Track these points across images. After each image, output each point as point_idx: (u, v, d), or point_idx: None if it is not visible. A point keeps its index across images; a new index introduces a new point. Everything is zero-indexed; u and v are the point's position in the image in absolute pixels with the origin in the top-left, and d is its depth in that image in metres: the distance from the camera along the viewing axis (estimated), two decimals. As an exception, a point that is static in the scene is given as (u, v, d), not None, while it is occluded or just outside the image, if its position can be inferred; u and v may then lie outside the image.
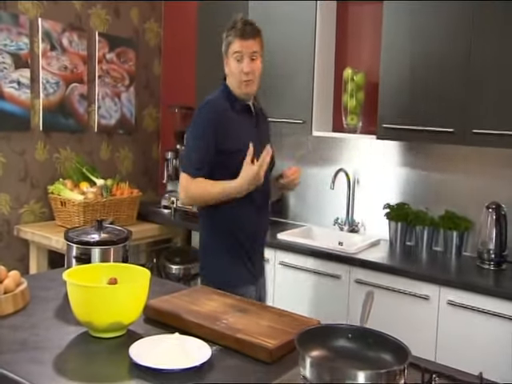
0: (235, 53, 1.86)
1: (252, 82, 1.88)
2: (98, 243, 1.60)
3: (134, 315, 1.30)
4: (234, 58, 1.87)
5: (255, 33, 1.88)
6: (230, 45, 1.88)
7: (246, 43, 1.85)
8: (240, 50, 1.85)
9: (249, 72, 1.85)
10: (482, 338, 2.00)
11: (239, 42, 1.85)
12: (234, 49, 1.86)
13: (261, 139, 1.90)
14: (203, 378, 1.10)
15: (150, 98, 3.60)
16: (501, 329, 1.96)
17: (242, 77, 1.86)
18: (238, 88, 1.88)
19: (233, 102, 1.91)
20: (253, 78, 1.87)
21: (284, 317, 1.39)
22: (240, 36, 1.85)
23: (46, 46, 2.93)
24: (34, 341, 1.24)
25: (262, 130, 2.01)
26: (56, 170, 3.07)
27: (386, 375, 0.99)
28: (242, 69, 1.85)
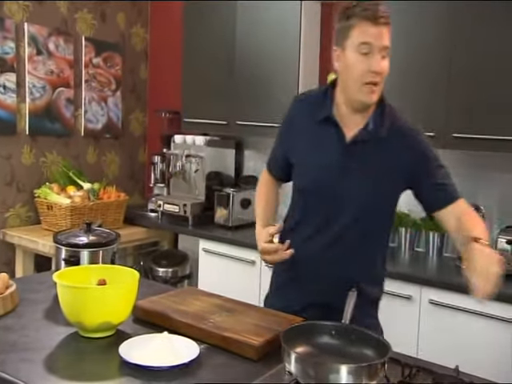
0: (362, 44, 1.31)
1: (378, 88, 1.36)
2: (87, 245, 1.62)
3: (123, 315, 1.32)
4: (356, 50, 1.32)
5: (389, 20, 1.33)
6: (350, 29, 1.32)
7: (379, 30, 1.30)
8: (369, 40, 1.30)
9: (379, 72, 1.33)
10: (462, 334, 2.05)
11: (370, 27, 1.30)
12: (359, 36, 1.31)
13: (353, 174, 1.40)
14: (191, 375, 1.13)
15: (136, 102, 3.62)
16: (479, 326, 2.02)
17: (368, 77, 1.32)
18: (358, 92, 1.35)
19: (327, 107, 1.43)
20: (380, 81, 1.35)
21: (270, 316, 1.42)
22: (372, 19, 1.30)
23: (32, 50, 2.93)
24: (24, 342, 1.26)
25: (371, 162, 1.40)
26: (42, 174, 3.07)
27: (367, 369, 1.03)
28: (370, 66, 1.31)
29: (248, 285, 2.63)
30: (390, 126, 1.41)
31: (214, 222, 2.93)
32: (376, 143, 1.40)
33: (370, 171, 1.40)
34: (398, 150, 1.40)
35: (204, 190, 3.06)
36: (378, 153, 1.40)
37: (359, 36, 1.31)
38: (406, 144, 1.40)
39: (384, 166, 1.40)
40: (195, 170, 3.07)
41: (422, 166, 1.41)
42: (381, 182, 1.41)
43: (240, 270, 2.68)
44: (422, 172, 1.41)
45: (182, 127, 3.16)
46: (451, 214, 1.41)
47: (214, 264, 2.78)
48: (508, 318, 1.96)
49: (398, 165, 1.40)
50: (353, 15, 1.32)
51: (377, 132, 1.40)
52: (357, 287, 1.31)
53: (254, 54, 2.84)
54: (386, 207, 1.48)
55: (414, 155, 1.41)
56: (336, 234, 1.44)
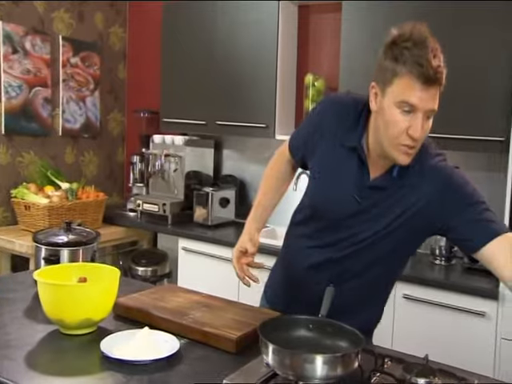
0: (405, 102, 1.14)
1: (413, 151, 1.20)
2: (67, 244, 1.63)
3: (104, 312, 1.34)
4: (397, 106, 1.16)
5: (442, 80, 1.15)
6: (395, 77, 1.14)
7: (428, 94, 1.13)
8: (414, 102, 1.13)
9: (419, 138, 1.17)
10: (434, 327, 2.13)
11: (418, 88, 1.13)
12: (403, 92, 1.14)
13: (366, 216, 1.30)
14: (172, 368, 1.16)
15: (114, 102, 3.62)
16: (450, 318, 2.10)
17: (406, 140, 1.17)
18: (391, 148, 1.20)
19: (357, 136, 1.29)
20: (418, 144, 1.20)
21: (248, 311, 1.46)
22: (423, 78, 1.12)
23: (7, 48, 2.91)
24: (4, 339, 1.26)
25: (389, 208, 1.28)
26: (19, 174, 3.05)
27: (341, 359, 1.07)
28: (409, 129, 1.16)
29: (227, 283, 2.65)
30: (419, 170, 1.26)
31: (193, 221, 2.96)
32: (398, 190, 1.27)
33: (386, 217, 1.28)
34: (425, 193, 1.25)
35: (183, 189, 3.08)
36: (401, 201, 1.27)
37: (404, 92, 1.14)
38: (434, 186, 1.25)
39: (404, 213, 1.27)
40: (174, 170, 3.09)
41: (455, 203, 1.24)
42: (396, 229, 1.28)
43: (219, 268, 2.71)
44: (457, 209, 1.23)
45: (160, 127, 3.17)
46: (498, 250, 1.19)
47: (193, 262, 2.81)
48: (478, 311, 2.05)
49: (423, 211, 1.26)
50: (403, 61, 1.13)
51: (400, 180, 1.27)
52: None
53: (232, 54, 2.87)
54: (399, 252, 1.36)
55: (445, 195, 1.24)
56: (341, 254, 1.35)
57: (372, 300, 1.45)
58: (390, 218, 1.28)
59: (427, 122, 1.18)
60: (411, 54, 1.12)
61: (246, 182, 3.20)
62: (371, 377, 1.15)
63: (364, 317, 1.43)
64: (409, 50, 1.13)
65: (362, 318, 1.39)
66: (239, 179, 3.19)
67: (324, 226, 1.38)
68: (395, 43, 1.16)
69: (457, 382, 1.14)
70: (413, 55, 1.12)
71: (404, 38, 1.14)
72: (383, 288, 1.46)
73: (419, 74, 1.12)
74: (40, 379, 1.10)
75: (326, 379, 1.06)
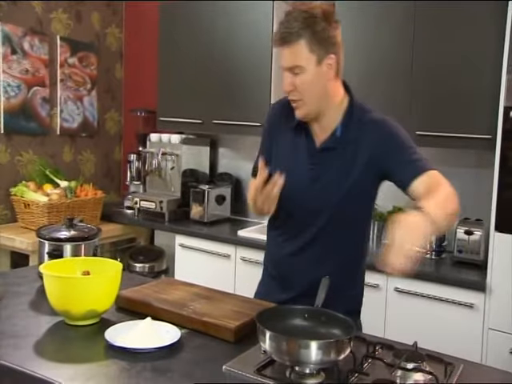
0: (280, 67, 1.40)
1: (300, 103, 1.39)
2: (70, 239, 1.68)
3: (108, 304, 1.39)
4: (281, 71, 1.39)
5: (291, 37, 1.32)
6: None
7: (282, 52, 1.36)
8: (280, 62, 1.38)
9: (287, 91, 1.38)
10: (424, 318, 2.20)
11: (279, 50, 1.37)
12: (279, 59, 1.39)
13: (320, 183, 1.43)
14: (173, 355, 1.21)
15: (112, 101, 3.67)
16: (440, 310, 2.17)
17: (288, 96, 1.41)
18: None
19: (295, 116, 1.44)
20: (299, 97, 1.38)
21: (245, 302, 1.51)
22: (276, 42, 1.37)
23: (6, 49, 2.95)
24: (12, 330, 1.31)
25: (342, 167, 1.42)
26: (18, 173, 3.09)
27: (335, 344, 1.13)
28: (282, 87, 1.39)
29: (223, 278, 2.72)
30: (358, 126, 1.41)
31: (190, 218, 3.01)
32: (346, 147, 1.41)
33: (341, 175, 1.41)
34: (366, 145, 1.39)
35: (180, 186, 3.13)
36: (348, 155, 1.40)
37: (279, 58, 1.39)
38: (374, 135, 1.39)
39: (355, 167, 1.40)
40: (171, 168, 3.14)
41: (390, 147, 1.38)
42: (353, 185, 1.40)
43: (215, 264, 2.77)
44: (391, 153, 1.38)
45: (157, 126, 3.22)
46: (421, 185, 1.32)
47: (190, 258, 2.86)
48: (466, 303, 2.12)
49: (369, 161, 1.39)
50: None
51: (344, 137, 1.41)
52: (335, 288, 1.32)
53: (228, 53, 2.93)
54: (362, 207, 1.47)
55: (382, 141, 1.38)
56: (312, 236, 1.47)
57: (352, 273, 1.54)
58: (344, 176, 1.41)
59: (297, 77, 1.35)
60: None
61: (242, 180, 3.26)
62: (363, 362, 1.20)
63: (349, 294, 1.53)
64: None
65: (348, 296, 1.51)
66: (235, 177, 3.25)
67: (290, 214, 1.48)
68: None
69: (443, 366, 1.21)
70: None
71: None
72: (359, 257, 1.54)
73: (274, 41, 1.37)
74: (48, 366, 1.15)
75: (321, 364, 1.12)
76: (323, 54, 1.35)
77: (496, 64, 2.14)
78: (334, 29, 1.38)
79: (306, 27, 1.32)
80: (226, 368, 1.15)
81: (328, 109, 1.42)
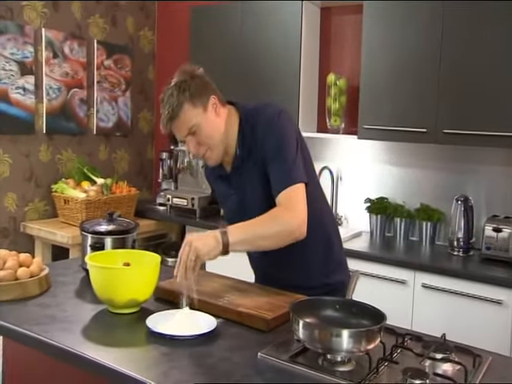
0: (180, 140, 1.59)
1: (209, 152, 1.53)
2: (111, 233, 1.77)
3: (148, 293, 1.46)
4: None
5: (176, 111, 1.47)
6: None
7: (175, 127, 1.50)
8: (177, 136, 1.54)
9: (197, 152, 1.53)
10: (452, 315, 2.22)
11: (172, 128, 1.52)
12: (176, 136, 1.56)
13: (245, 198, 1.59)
14: (210, 343, 1.28)
15: (144, 101, 3.78)
16: (468, 307, 2.19)
17: (198, 156, 1.59)
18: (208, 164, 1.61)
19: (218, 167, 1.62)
20: (206, 147, 1.52)
21: (279, 295, 1.56)
22: (166, 123, 1.52)
23: (48, 53, 3.10)
24: (61, 316, 1.41)
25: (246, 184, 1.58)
26: (58, 170, 3.23)
27: (365, 333, 1.18)
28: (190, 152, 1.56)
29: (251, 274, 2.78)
30: (251, 134, 1.51)
31: (220, 215, 3.08)
32: (247, 160, 1.54)
33: (254, 180, 1.54)
34: (256, 145, 1.51)
35: (210, 184, 3.21)
36: (252, 159, 1.53)
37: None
38: (257, 136, 1.50)
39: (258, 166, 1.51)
40: (202, 166, 3.22)
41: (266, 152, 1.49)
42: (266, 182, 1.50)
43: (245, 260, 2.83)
44: (267, 159, 1.49)
45: (189, 125, 3.31)
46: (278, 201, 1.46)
47: (221, 254, 2.93)
48: (494, 299, 2.13)
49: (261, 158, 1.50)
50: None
51: (243, 152, 1.53)
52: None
53: (257, 55, 2.99)
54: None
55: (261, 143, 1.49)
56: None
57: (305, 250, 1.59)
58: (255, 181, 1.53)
59: (197, 134, 1.48)
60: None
61: (271, 178, 3.31)
62: (393, 352, 1.24)
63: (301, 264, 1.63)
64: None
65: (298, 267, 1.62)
66: (264, 175, 3.30)
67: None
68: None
69: (472, 357, 1.24)
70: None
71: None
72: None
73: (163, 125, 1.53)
74: (96, 349, 1.23)
75: (352, 352, 1.16)
76: (206, 101, 1.49)
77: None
78: (202, 78, 1.53)
79: (182, 93, 1.46)
80: (261, 355, 1.21)
81: (227, 139, 1.54)
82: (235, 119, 1.56)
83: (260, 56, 2.97)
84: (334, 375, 1.14)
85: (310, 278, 1.63)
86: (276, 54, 2.91)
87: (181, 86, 1.47)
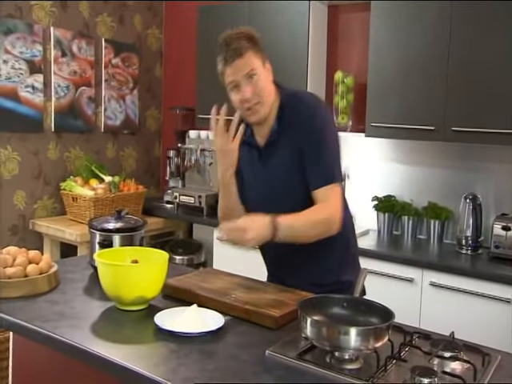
0: (230, 83, 1.52)
1: (258, 106, 1.51)
2: (119, 230, 1.77)
3: (156, 291, 1.47)
4: (231, 89, 1.53)
5: (242, 50, 1.50)
6: (222, 76, 1.54)
7: (234, 66, 1.50)
8: (231, 78, 1.51)
9: (249, 98, 1.50)
10: (460, 313, 2.21)
11: (227, 69, 1.51)
12: (227, 79, 1.52)
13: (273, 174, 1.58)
14: (219, 340, 1.28)
15: (152, 99, 3.79)
16: (476, 305, 2.18)
17: (244, 106, 1.51)
18: (244, 116, 1.55)
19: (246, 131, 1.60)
20: (258, 100, 1.51)
21: (286, 292, 1.56)
22: (225, 62, 1.51)
23: (57, 52, 3.12)
24: (70, 312, 1.42)
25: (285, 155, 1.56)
26: (66, 168, 3.26)
27: (373, 331, 1.17)
28: (241, 97, 1.51)
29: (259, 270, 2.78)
30: (291, 114, 1.54)
31: (227, 212, 3.09)
32: (284, 137, 1.54)
33: (286, 164, 1.55)
34: (296, 132, 1.52)
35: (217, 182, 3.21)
36: (288, 144, 1.54)
37: (226, 78, 1.53)
38: (298, 124, 1.52)
39: (293, 153, 1.53)
40: (209, 164, 3.23)
41: (308, 141, 1.51)
42: (296, 170, 1.53)
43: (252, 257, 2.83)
44: (308, 148, 1.51)
45: (196, 123, 3.32)
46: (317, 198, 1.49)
47: (227, 251, 2.94)
48: (503, 298, 2.12)
49: (298, 147, 1.52)
50: (218, 64, 1.54)
51: (281, 128, 1.54)
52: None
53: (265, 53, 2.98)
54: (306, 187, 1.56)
55: (304, 132, 1.51)
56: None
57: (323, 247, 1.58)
58: (287, 163, 1.55)
59: (253, 81, 1.50)
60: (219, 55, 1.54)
61: (278, 176, 3.32)
62: (401, 350, 1.24)
63: (330, 266, 1.65)
64: (219, 52, 1.54)
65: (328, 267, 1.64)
66: (271, 173, 3.31)
67: (261, 208, 1.54)
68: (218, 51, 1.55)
69: (481, 356, 1.23)
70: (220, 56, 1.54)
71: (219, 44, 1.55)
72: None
73: (223, 62, 1.51)
74: (104, 345, 1.24)
75: (359, 350, 1.16)
76: (264, 59, 1.57)
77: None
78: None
79: (249, 40, 1.52)
80: (268, 352, 1.21)
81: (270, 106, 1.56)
82: (277, 97, 1.58)
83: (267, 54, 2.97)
84: (342, 373, 1.15)
85: (324, 275, 1.64)
86: (283, 53, 2.91)
87: (248, 35, 1.53)
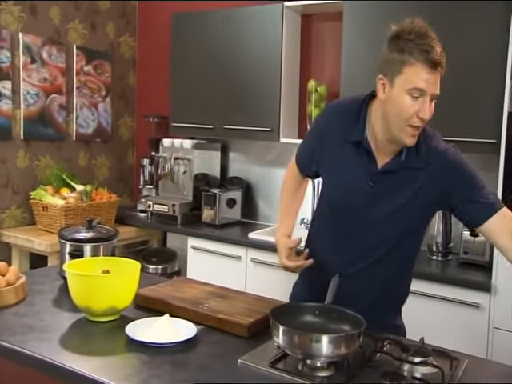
0: (415, 89, 1.27)
1: (420, 131, 1.34)
2: (90, 240, 1.75)
3: (127, 301, 1.46)
4: (407, 92, 1.28)
5: (444, 64, 1.29)
6: (404, 66, 1.27)
7: (435, 77, 1.28)
8: (424, 86, 1.27)
9: (427, 120, 1.31)
10: (430, 319, 2.25)
11: (426, 73, 1.26)
12: (413, 79, 1.26)
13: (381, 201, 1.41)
14: (191, 350, 1.28)
15: (125, 107, 3.76)
16: (446, 310, 2.22)
17: (416, 122, 1.30)
18: (400, 131, 1.33)
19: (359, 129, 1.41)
20: (424, 125, 1.34)
21: (258, 300, 1.57)
22: (431, 64, 1.26)
23: (26, 58, 3.06)
24: (39, 325, 1.39)
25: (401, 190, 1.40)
26: (36, 177, 3.19)
27: (344, 339, 1.19)
28: (419, 112, 1.29)
29: (234, 279, 2.79)
30: (425, 152, 1.38)
31: (202, 221, 3.08)
32: (408, 172, 1.39)
33: (400, 199, 1.40)
34: (431, 173, 1.38)
35: (191, 190, 3.21)
36: (410, 181, 1.39)
37: (414, 79, 1.26)
38: (441, 165, 1.38)
39: (415, 193, 1.39)
40: (183, 172, 3.22)
41: (458, 182, 1.38)
42: (410, 209, 1.40)
43: (227, 266, 2.84)
44: (460, 189, 1.37)
45: (170, 131, 3.31)
46: (494, 225, 1.35)
47: (202, 260, 2.93)
48: (472, 302, 2.17)
49: (431, 190, 1.39)
50: (409, 51, 1.26)
51: (409, 163, 1.39)
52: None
53: (238, 61, 3.00)
54: (416, 231, 1.48)
55: (449, 174, 1.37)
56: (359, 254, 1.47)
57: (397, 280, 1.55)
58: (400, 198, 1.40)
59: (431, 105, 1.31)
60: (416, 43, 1.26)
61: (252, 184, 3.33)
62: (372, 356, 1.26)
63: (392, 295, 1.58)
64: (412, 41, 1.27)
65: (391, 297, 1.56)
66: (245, 181, 3.32)
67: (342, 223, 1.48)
68: (399, 37, 1.29)
69: (449, 360, 1.27)
70: (417, 44, 1.26)
71: (407, 31, 1.28)
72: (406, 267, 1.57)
73: (426, 60, 1.25)
74: (73, 358, 1.22)
75: (331, 357, 1.17)
76: None
77: (501, 67, 2.16)
78: None
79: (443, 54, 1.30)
80: (241, 361, 1.22)
81: None
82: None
83: (241, 62, 2.99)
84: (314, 380, 1.15)
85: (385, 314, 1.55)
86: (257, 61, 2.93)
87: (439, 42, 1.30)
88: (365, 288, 1.50)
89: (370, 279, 1.49)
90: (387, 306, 1.55)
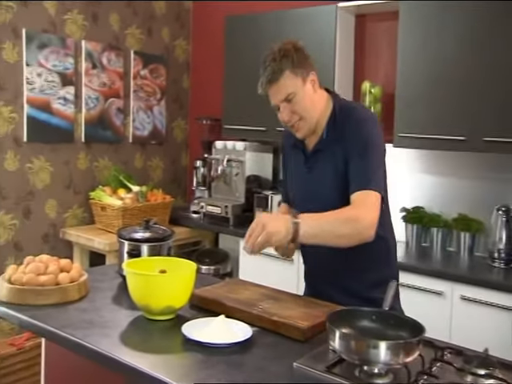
0: (272, 105, 1.58)
1: (302, 123, 1.56)
2: (147, 240, 1.79)
3: (184, 300, 1.48)
4: (275, 109, 1.59)
5: (276, 75, 1.50)
6: (266, 96, 1.58)
7: (272, 92, 1.54)
8: (272, 102, 1.57)
9: (288, 120, 1.56)
10: (493, 328, 2.15)
11: (268, 92, 1.55)
12: (270, 101, 1.58)
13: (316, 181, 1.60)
14: (246, 351, 1.28)
15: (179, 110, 3.84)
16: (510, 320, 2.11)
17: (288, 125, 1.58)
18: (295, 135, 1.62)
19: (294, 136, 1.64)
20: (297, 118, 1.55)
21: (313, 304, 1.55)
22: (262, 87, 1.54)
23: (88, 64, 3.20)
24: (99, 321, 1.44)
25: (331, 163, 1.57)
26: (95, 178, 3.32)
27: (403, 345, 1.15)
28: (281, 120, 1.58)
29: (286, 281, 2.77)
30: (342, 124, 1.54)
31: (253, 223, 3.09)
32: (332, 146, 1.55)
33: (331, 173, 1.56)
34: (344, 141, 1.52)
35: (244, 192, 3.23)
36: (334, 154, 1.55)
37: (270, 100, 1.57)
38: (348, 133, 1.52)
39: (340, 163, 1.54)
40: (236, 174, 3.25)
41: (352, 148, 1.51)
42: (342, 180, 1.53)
43: (278, 268, 2.83)
44: (352, 155, 1.51)
45: (222, 133, 3.35)
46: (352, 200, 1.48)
47: (253, 262, 2.93)
48: (538, 313, 2.06)
49: (344, 157, 1.52)
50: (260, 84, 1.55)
51: (330, 137, 1.56)
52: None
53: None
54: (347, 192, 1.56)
55: (350, 140, 1.51)
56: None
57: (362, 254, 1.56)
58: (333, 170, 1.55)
59: (292, 103, 1.52)
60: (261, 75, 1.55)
61: (304, 186, 3.31)
62: (432, 365, 1.21)
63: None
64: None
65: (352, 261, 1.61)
66: (297, 183, 3.30)
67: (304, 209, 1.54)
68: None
69: (516, 374, 1.20)
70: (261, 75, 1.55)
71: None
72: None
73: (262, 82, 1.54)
74: (132, 354, 1.25)
75: (389, 364, 1.14)
76: (305, 74, 1.54)
77: None
78: (304, 52, 1.58)
79: (285, 58, 1.51)
80: (296, 365, 1.20)
81: (319, 118, 1.58)
82: (329, 105, 1.60)
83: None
84: (372, 387, 1.13)
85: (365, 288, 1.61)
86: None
87: (284, 53, 1.52)
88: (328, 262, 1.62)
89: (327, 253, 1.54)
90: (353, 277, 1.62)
